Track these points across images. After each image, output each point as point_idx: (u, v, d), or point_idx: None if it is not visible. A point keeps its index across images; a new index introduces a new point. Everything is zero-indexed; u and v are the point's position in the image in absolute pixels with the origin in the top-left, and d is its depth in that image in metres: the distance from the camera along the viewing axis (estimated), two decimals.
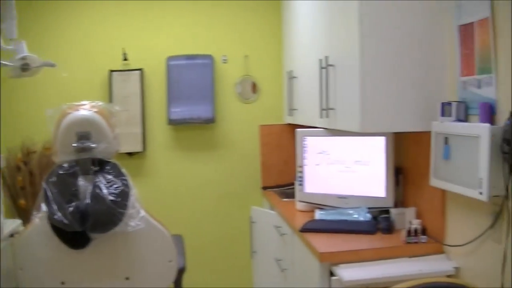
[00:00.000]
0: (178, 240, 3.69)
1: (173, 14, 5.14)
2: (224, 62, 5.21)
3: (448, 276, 2.89)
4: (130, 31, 5.08)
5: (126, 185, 2.67)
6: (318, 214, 3.68)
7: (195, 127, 5.19)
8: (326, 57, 3.50)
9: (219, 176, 5.29)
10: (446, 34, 2.97)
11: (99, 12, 5.03)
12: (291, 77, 4.67)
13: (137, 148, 5.07)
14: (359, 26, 2.97)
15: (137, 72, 5.03)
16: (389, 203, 3.52)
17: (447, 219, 3.06)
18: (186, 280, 3.46)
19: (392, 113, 3.02)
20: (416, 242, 3.10)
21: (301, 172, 3.99)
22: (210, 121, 5.10)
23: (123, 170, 2.74)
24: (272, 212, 4.45)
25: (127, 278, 2.82)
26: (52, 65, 3.28)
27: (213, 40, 5.19)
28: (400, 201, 3.58)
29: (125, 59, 5.02)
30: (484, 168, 2.43)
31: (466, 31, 2.73)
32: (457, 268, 2.91)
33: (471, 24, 2.66)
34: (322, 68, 3.55)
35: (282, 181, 5.14)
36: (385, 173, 3.53)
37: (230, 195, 5.29)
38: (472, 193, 2.53)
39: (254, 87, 5.28)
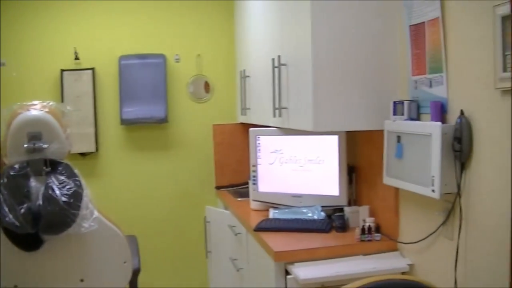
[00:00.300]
0: (132, 240, 3.66)
1: (125, 13, 5.09)
2: (177, 62, 5.19)
3: (402, 273, 2.93)
4: (81, 30, 5.01)
5: (79, 186, 2.64)
6: (272, 213, 3.69)
7: (148, 127, 5.15)
8: (279, 56, 3.50)
9: (173, 176, 5.26)
10: (398, 34, 3.01)
11: (49, 11, 4.95)
12: (244, 77, 4.67)
13: (90, 148, 5.02)
14: (311, 26, 2.98)
15: (89, 71, 4.98)
16: (343, 201, 3.55)
17: (400, 216, 3.09)
18: (141, 281, 3.44)
19: (345, 112, 3.04)
20: (370, 240, 3.13)
21: (254, 171, 3.99)
22: (163, 121, 5.07)
23: (76, 171, 2.70)
24: (226, 211, 4.44)
25: (81, 280, 2.78)
26: (1, 64, 3.23)
27: (165, 39, 5.16)
28: (353, 200, 3.61)
29: (77, 58, 4.95)
30: (436, 166, 2.47)
31: (417, 31, 2.76)
32: (411, 265, 2.95)
33: (422, 24, 2.70)
34: (274, 67, 3.56)
35: (236, 181, 5.13)
36: (338, 172, 3.55)
37: (184, 195, 5.27)
38: (425, 191, 2.57)
39: (207, 87, 5.27)
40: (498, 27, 2.13)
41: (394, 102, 2.89)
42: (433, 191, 2.50)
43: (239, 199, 4.53)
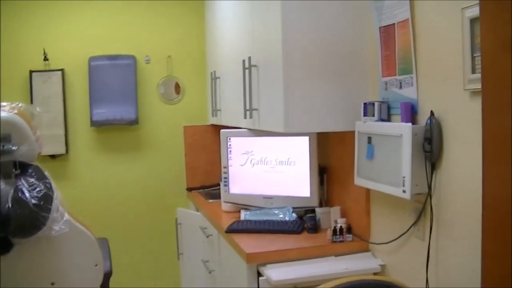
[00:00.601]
0: (104, 243, 3.62)
1: (95, 14, 5.04)
2: (147, 63, 5.16)
3: (374, 273, 2.94)
4: (50, 31, 4.95)
5: (49, 188, 2.60)
6: (244, 215, 3.68)
7: (119, 129, 5.11)
8: (249, 58, 3.50)
9: (144, 178, 5.23)
10: (368, 35, 3.02)
11: (18, 11, 4.87)
12: (215, 78, 4.66)
13: (60, 150, 4.96)
14: (282, 27, 2.98)
15: (58, 72, 4.92)
16: (314, 202, 3.55)
17: (371, 217, 3.11)
18: (112, 284, 3.40)
19: (316, 113, 3.04)
20: (341, 241, 3.13)
21: (226, 173, 3.98)
22: (133, 123, 5.04)
23: (46, 173, 2.67)
24: (198, 213, 4.43)
25: (52, 284, 2.75)
26: None
27: (135, 41, 5.13)
28: (325, 201, 3.62)
29: (46, 59, 4.90)
30: (407, 167, 2.48)
31: (387, 33, 2.77)
32: (382, 266, 2.96)
33: (392, 25, 2.71)
34: (245, 68, 3.55)
35: (207, 182, 5.11)
36: (309, 173, 3.55)
37: (155, 196, 5.25)
38: (396, 192, 2.58)
39: (178, 88, 5.25)
40: (467, 29, 2.15)
41: (365, 103, 2.90)
42: (404, 191, 2.51)
43: (210, 200, 4.52)
